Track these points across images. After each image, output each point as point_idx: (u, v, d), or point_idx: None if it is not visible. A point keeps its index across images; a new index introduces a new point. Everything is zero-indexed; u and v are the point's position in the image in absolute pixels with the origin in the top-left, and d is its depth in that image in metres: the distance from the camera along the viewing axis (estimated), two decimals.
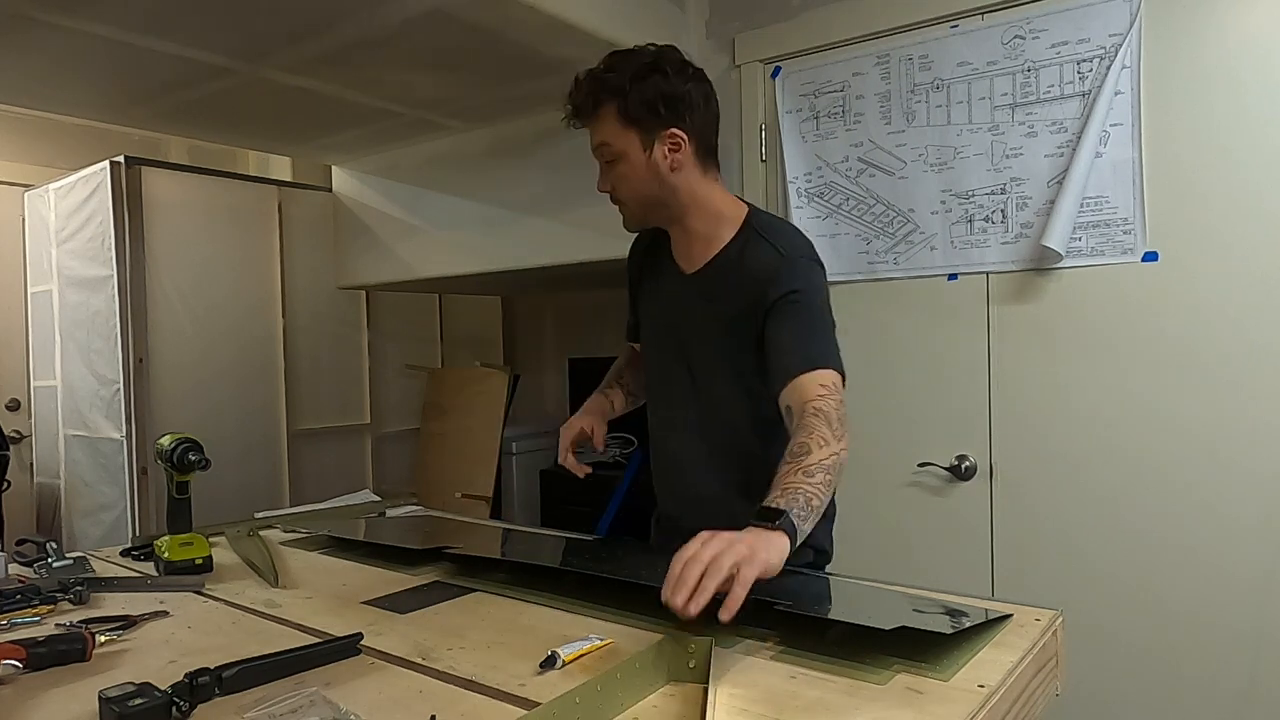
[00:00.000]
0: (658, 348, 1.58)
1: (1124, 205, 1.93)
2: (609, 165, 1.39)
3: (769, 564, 1.03)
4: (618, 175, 1.39)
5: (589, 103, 1.36)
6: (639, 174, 1.37)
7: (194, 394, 3.20)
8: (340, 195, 3.68)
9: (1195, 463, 1.88)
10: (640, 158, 1.36)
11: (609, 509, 3.70)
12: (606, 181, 1.41)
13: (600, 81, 1.35)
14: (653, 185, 1.38)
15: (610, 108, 1.34)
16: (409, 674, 1.03)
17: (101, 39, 2.16)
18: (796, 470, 1.15)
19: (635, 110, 1.34)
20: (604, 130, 1.36)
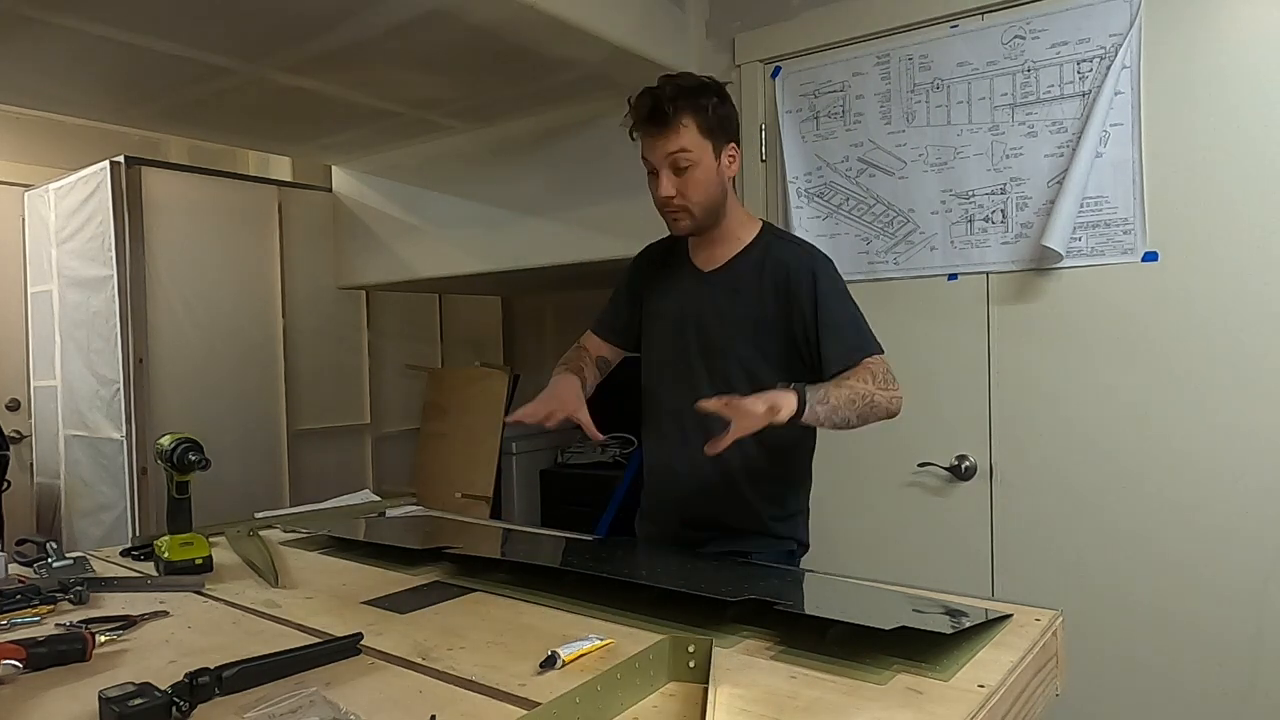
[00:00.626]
0: (669, 340, 1.69)
1: (1124, 205, 1.93)
2: (682, 171, 1.53)
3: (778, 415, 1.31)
4: (691, 180, 1.54)
5: (673, 113, 1.51)
6: (710, 178, 1.55)
7: (194, 394, 3.20)
8: (340, 195, 3.68)
9: (1195, 462, 1.87)
10: (712, 165, 1.55)
11: (609, 509, 3.70)
12: (673, 186, 1.55)
13: (684, 96, 1.52)
14: (717, 190, 1.57)
15: (692, 119, 1.51)
16: (409, 674, 1.03)
17: (101, 39, 2.16)
18: (833, 382, 1.44)
19: (713, 124, 1.53)
20: (685, 139, 1.52)
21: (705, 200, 1.56)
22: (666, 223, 1.63)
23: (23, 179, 3.71)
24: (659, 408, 1.73)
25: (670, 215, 1.59)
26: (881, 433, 2.25)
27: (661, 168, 1.54)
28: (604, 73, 2.52)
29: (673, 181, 1.54)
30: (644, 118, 1.54)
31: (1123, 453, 1.96)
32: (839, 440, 2.29)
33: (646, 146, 1.56)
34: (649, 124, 1.53)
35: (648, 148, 1.56)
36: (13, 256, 3.67)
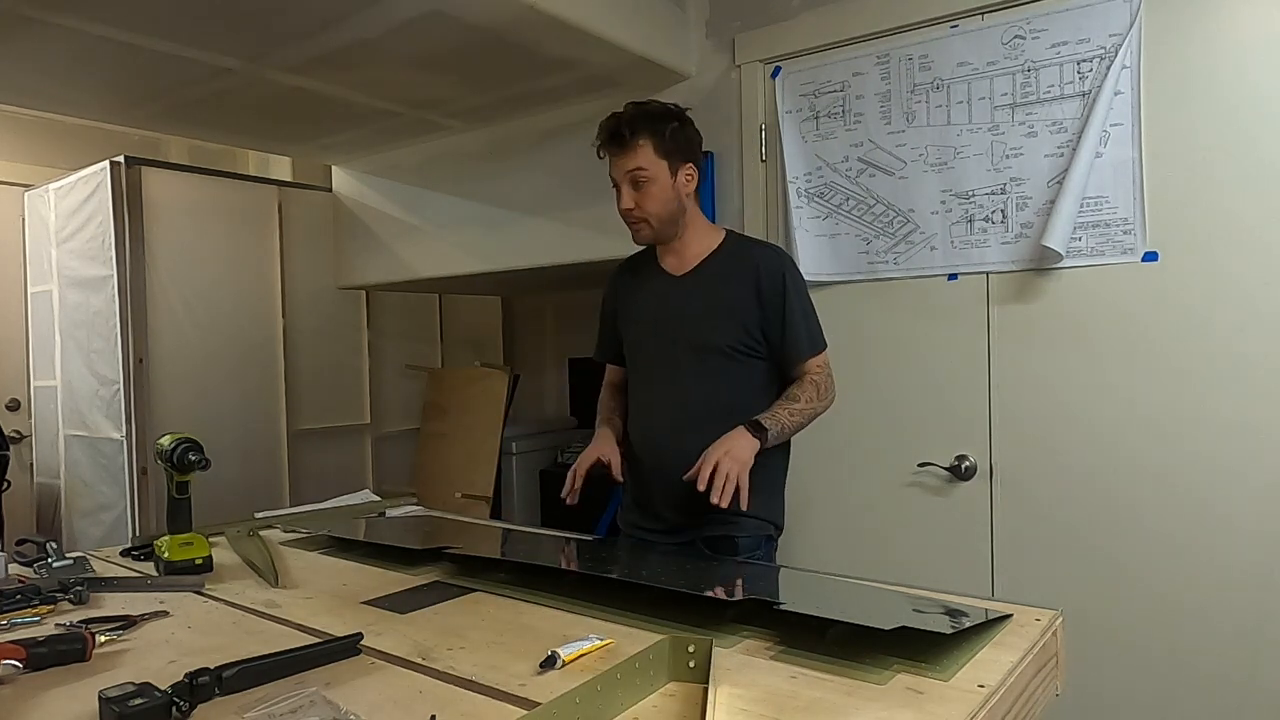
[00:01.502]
0: (645, 339, 1.86)
1: (1124, 205, 1.93)
2: (640, 186, 1.72)
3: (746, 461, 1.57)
4: (646, 195, 1.73)
5: (630, 135, 1.70)
6: (666, 194, 1.74)
7: (194, 394, 3.20)
8: (340, 195, 3.68)
9: (1195, 461, 1.88)
10: (668, 182, 1.74)
11: (609, 509, 3.70)
12: (632, 200, 1.73)
13: (643, 120, 1.71)
14: (673, 205, 1.76)
15: (649, 141, 1.71)
16: (409, 674, 1.03)
17: (101, 39, 2.16)
18: (785, 406, 1.70)
19: (669, 146, 1.72)
20: (641, 158, 1.71)
21: (661, 212, 1.74)
22: (630, 230, 1.81)
23: (23, 179, 3.71)
24: (644, 403, 1.87)
25: (631, 224, 1.78)
26: (882, 433, 2.27)
27: (622, 183, 1.74)
28: (604, 73, 2.52)
29: (631, 195, 1.73)
30: (605, 138, 1.74)
31: (1123, 453, 1.96)
32: (839, 440, 2.30)
33: (610, 164, 1.76)
34: (609, 143, 1.73)
35: (611, 165, 1.76)
36: (13, 256, 3.67)
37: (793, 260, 1.83)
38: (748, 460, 1.57)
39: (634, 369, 1.91)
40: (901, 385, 2.24)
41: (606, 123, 1.74)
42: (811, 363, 1.74)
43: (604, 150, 1.75)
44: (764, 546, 1.77)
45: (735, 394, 1.75)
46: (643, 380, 1.88)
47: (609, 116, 1.75)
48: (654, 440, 1.82)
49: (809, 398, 1.71)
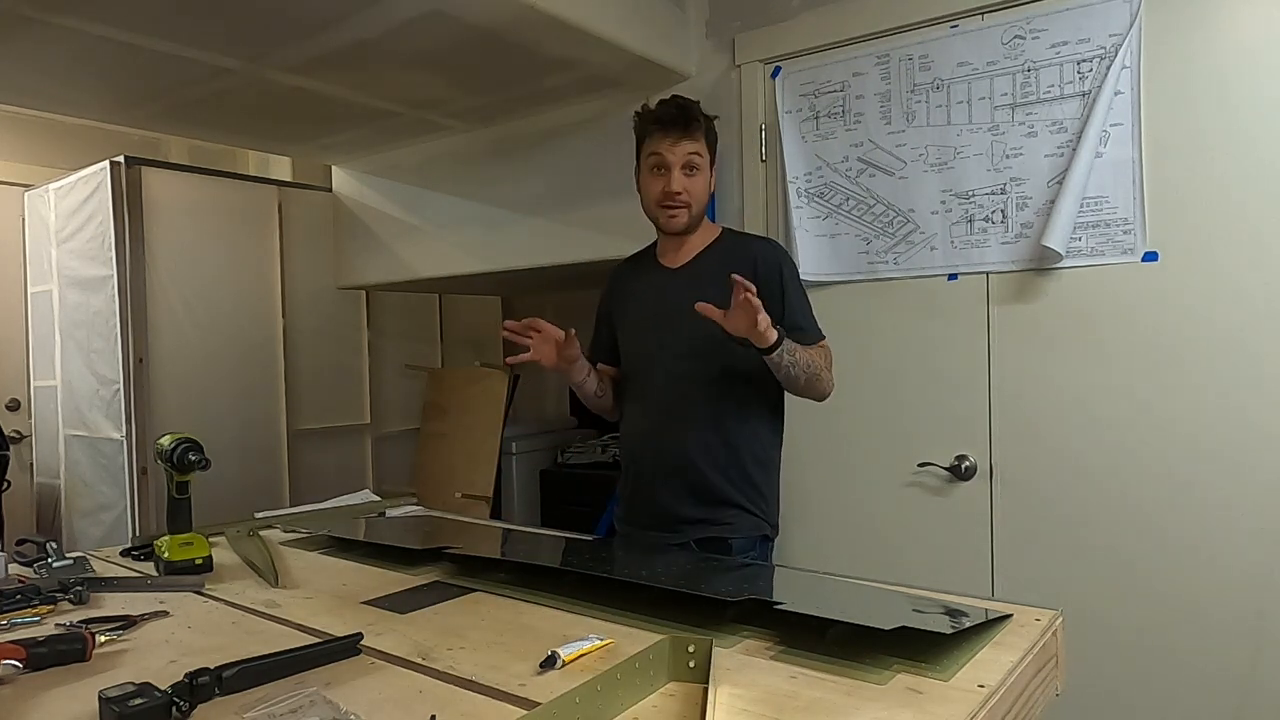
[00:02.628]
0: (643, 333, 1.87)
1: (1124, 205, 1.93)
2: (692, 172, 1.75)
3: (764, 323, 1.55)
4: (695, 182, 1.76)
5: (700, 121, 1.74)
6: (706, 185, 1.79)
7: (194, 394, 3.20)
8: (340, 195, 3.68)
9: (1195, 461, 1.88)
10: (709, 174, 1.80)
11: (609, 509, 3.70)
12: (682, 184, 1.74)
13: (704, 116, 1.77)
14: (706, 198, 1.80)
15: (702, 133, 1.76)
16: (409, 674, 1.03)
17: (101, 39, 2.16)
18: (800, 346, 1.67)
19: (713, 142, 1.79)
20: (700, 145, 1.75)
21: (701, 201, 1.78)
22: (660, 220, 1.79)
23: (23, 179, 3.71)
24: (640, 399, 1.86)
25: (670, 211, 1.76)
26: (882, 433, 2.27)
27: (676, 166, 1.73)
28: (604, 73, 2.52)
29: (683, 179, 1.74)
30: (671, 118, 1.72)
31: (1123, 452, 1.95)
32: (840, 440, 2.30)
33: (663, 145, 1.73)
34: (676, 124, 1.72)
35: (665, 146, 1.73)
36: (13, 256, 3.67)
37: (788, 252, 1.86)
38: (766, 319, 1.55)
39: (630, 365, 1.90)
40: (901, 385, 2.24)
41: (668, 104, 1.75)
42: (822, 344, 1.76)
43: (662, 129, 1.73)
44: (759, 547, 1.76)
45: (733, 387, 1.74)
46: (639, 376, 1.87)
47: (668, 102, 1.75)
48: (651, 436, 1.82)
49: (815, 354, 1.70)
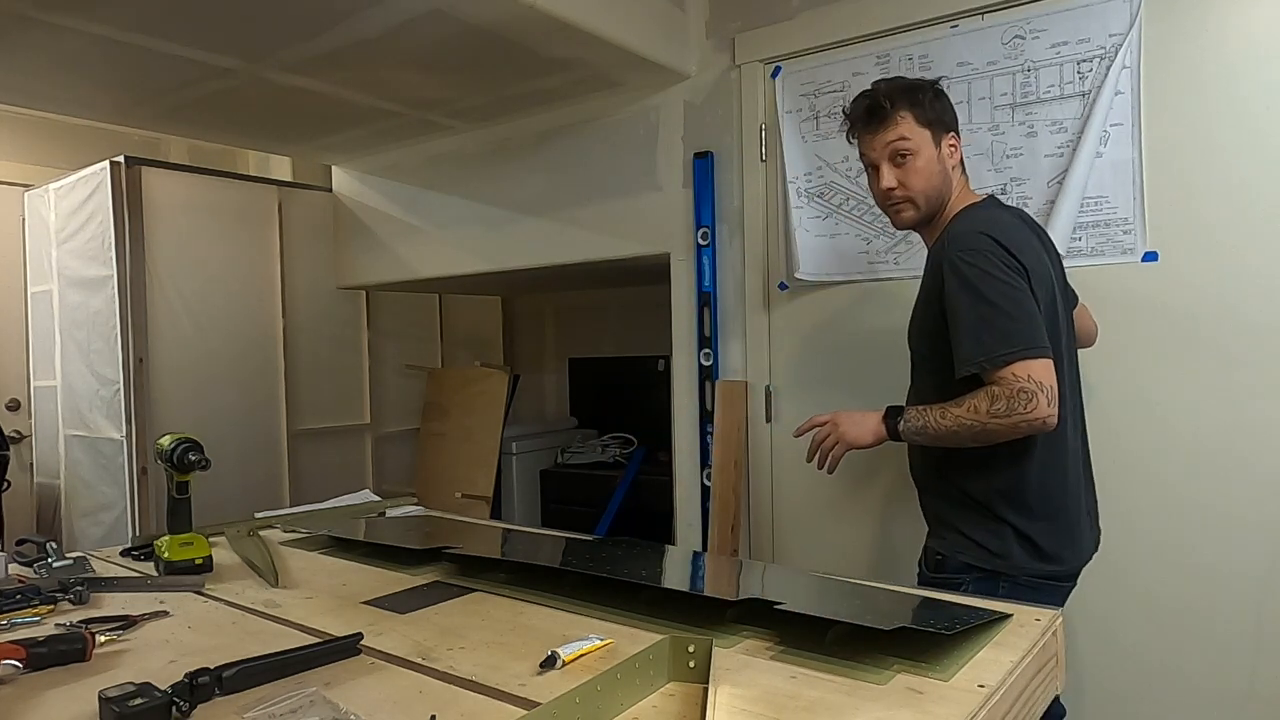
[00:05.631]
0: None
1: (1124, 205, 1.93)
2: (903, 160, 1.57)
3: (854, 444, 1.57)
4: (911, 170, 1.58)
5: (890, 107, 1.57)
6: (932, 167, 1.58)
7: (194, 394, 3.20)
8: (340, 195, 3.68)
9: (1195, 461, 1.87)
10: (933, 154, 1.58)
11: (609, 509, 3.70)
12: (894, 178, 1.59)
13: (898, 92, 1.59)
14: (939, 179, 1.59)
15: (909, 112, 1.57)
16: (409, 674, 1.03)
17: (101, 39, 2.16)
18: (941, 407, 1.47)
19: (930, 115, 1.58)
20: (903, 128, 1.57)
21: (927, 189, 1.59)
22: (889, 218, 1.66)
23: (23, 179, 3.71)
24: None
25: (893, 209, 1.62)
26: None
27: (881, 161, 1.59)
28: (604, 73, 2.52)
29: (893, 173, 1.58)
30: (861, 115, 1.61)
31: (1123, 452, 1.95)
32: None
33: (865, 144, 1.62)
34: (868, 120, 1.60)
35: (866, 144, 1.62)
36: (13, 256, 3.67)
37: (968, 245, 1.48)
38: (854, 439, 1.54)
39: None
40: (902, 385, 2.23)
41: (858, 101, 1.62)
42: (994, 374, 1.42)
43: (860, 130, 1.62)
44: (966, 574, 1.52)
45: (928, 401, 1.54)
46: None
47: (858, 98, 1.63)
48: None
49: (973, 406, 1.42)
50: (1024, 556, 1.50)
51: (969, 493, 1.55)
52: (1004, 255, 1.45)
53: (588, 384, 4.42)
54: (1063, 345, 1.54)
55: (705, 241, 2.55)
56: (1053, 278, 1.57)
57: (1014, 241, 1.48)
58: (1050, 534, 1.51)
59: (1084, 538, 1.59)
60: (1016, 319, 1.42)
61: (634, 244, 2.75)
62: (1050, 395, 1.39)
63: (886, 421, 1.54)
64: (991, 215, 1.57)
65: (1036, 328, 1.43)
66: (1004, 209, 1.64)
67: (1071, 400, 1.56)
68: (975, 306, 1.44)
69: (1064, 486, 1.54)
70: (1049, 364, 1.41)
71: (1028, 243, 1.53)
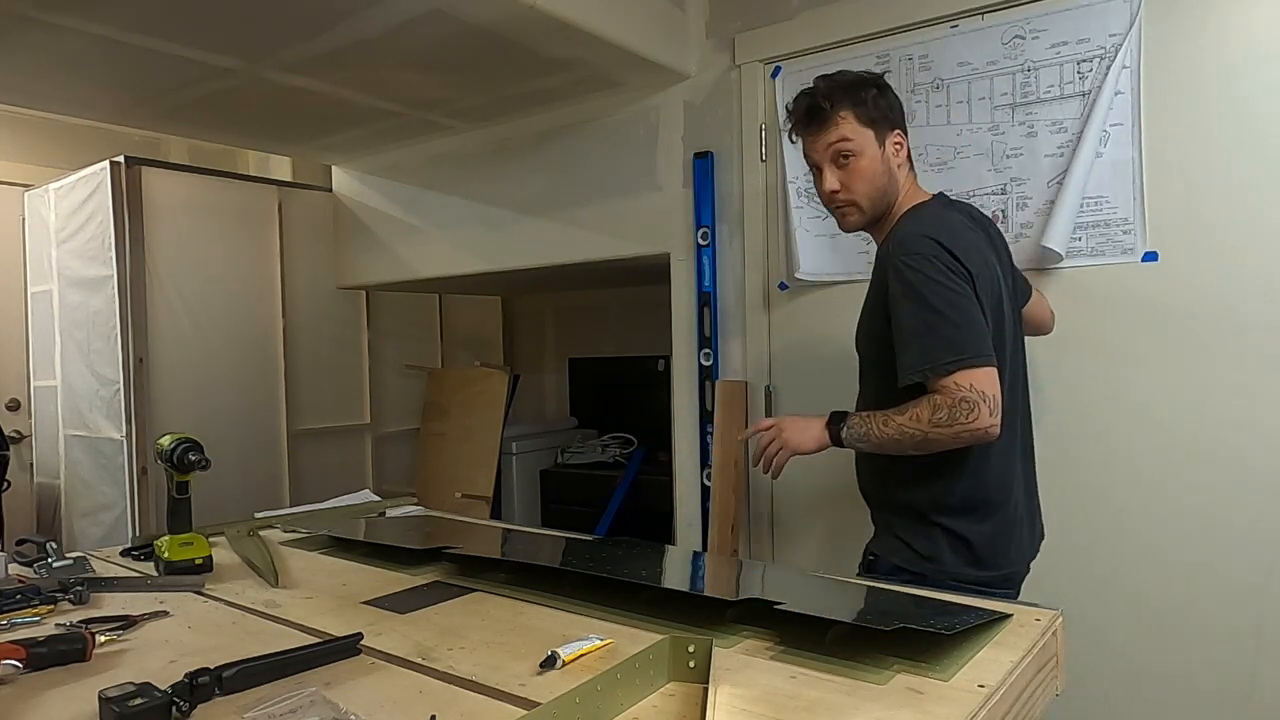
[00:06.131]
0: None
1: (1124, 205, 1.93)
2: (845, 161, 1.54)
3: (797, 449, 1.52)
4: (854, 172, 1.54)
5: (830, 108, 1.53)
6: (875, 168, 1.54)
7: (194, 394, 3.20)
8: (340, 195, 3.68)
9: (1194, 462, 1.87)
10: (877, 153, 1.54)
11: (609, 509, 3.70)
12: (836, 180, 1.55)
13: (840, 90, 1.54)
14: (883, 179, 1.55)
15: (850, 111, 1.53)
16: (409, 674, 1.03)
17: (101, 39, 2.16)
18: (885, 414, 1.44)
19: (874, 114, 1.54)
20: (844, 129, 1.53)
21: (871, 190, 1.55)
22: (837, 220, 1.62)
23: (23, 179, 3.71)
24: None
25: (838, 211, 1.59)
26: None
27: (824, 163, 1.55)
28: (604, 73, 2.52)
29: (836, 175, 1.55)
30: (801, 116, 1.57)
31: (1123, 452, 1.95)
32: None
33: (807, 145, 1.58)
34: (807, 121, 1.56)
35: (808, 145, 1.58)
36: (13, 256, 3.67)
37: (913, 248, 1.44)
38: (798, 445, 1.50)
39: None
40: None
41: (798, 101, 1.57)
42: (937, 383, 1.38)
43: (800, 130, 1.58)
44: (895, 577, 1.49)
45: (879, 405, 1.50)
46: None
47: (799, 95, 1.58)
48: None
49: (915, 415, 1.39)
50: (955, 561, 1.48)
51: (905, 497, 1.54)
52: (949, 259, 1.41)
53: (588, 384, 4.42)
54: (1007, 351, 1.50)
55: (705, 241, 2.55)
56: (1000, 279, 1.53)
57: (959, 244, 1.44)
58: (985, 537, 1.49)
59: (1023, 541, 1.57)
60: (960, 326, 1.38)
61: (634, 244, 2.75)
62: (993, 405, 1.36)
63: (830, 427, 1.50)
64: (937, 216, 1.53)
65: (981, 335, 1.39)
66: (951, 208, 1.61)
67: (1016, 402, 1.54)
68: (918, 313, 1.41)
69: (1002, 490, 1.52)
70: (993, 372, 1.38)
71: (974, 245, 1.49)
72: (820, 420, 1.52)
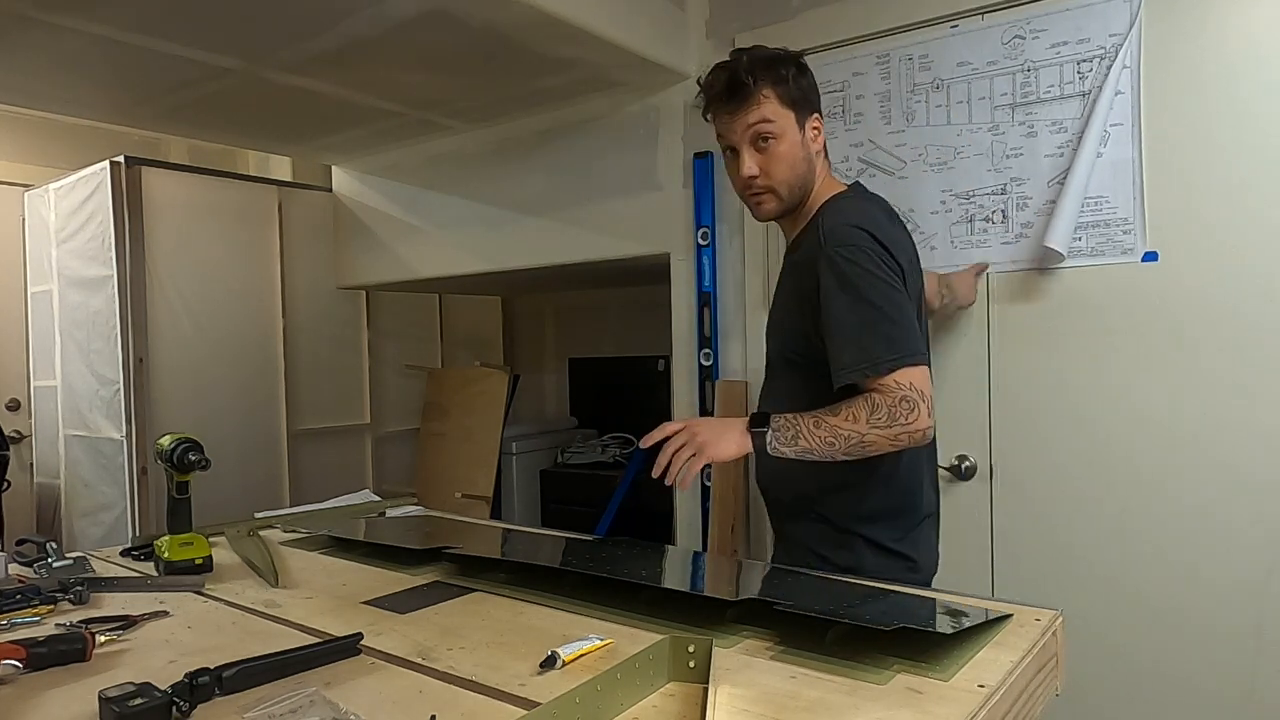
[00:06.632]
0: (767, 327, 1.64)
1: (1124, 205, 1.93)
2: (765, 144, 1.44)
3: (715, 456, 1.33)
4: (774, 157, 1.44)
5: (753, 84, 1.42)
6: (796, 152, 1.45)
7: (194, 394, 3.20)
8: (340, 195, 3.68)
9: (1195, 462, 1.87)
10: (797, 138, 1.45)
11: (609, 509, 3.70)
12: (755, 164, 1.44)
13: (762, 66, 1.43)
14: (803, 165, 1.46)
15: (772, 90, 1.42)
16: (409, 674, 1.03)
17: (101, 39, 2.16)
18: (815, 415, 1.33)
19: (795, 94, 1.44)
20: (767, 109, 1.42)
21: (791, 177, 1.46)
22: (751, 210, 1.52)
23: (23, 179, 3.71)
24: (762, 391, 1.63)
25: (753, 199, 1.48)
26: None
27: (742, 145, 1.44)
28: (604, 73, 2.52)
29: (754, 159, 1.44)
30: (721, 92, 1.44)
31: (1123, 453, 1.95)
32: None
33: (724, 124, 1.46)
34: (728, 98, 1.43)
35: (725, 125, 1.46)
36: (13, 256, 3.67)
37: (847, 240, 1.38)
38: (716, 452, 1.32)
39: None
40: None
41: (716, 75, 1.44)
42: (874, 382, 1.33)
43: (718, 108, 1.45)
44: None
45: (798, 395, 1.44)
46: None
47: (715, 69, 1.46)
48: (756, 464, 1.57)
49: (851, 415, 1.31)
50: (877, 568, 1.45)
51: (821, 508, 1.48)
52: (882, 253, 1.36)
53: (588, 384, 4.42)
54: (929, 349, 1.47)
55: (705, 241, 2.55)
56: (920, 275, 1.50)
57: (890, 238, 1.40)
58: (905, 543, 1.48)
59: (934, 541, 1.56)
60: (897, 323, 1.33)
61: (634, 244, 2.75)
62: (930, 405, 1.31)
63: (752, 430, 1.35)
64: (864, 208, 1.47)
65: (916, 332, 1.35)
66: (872, 200, 1.54)
67: None
68: (855, 307, 1.34)
69: (917, 491, 1.50)
70: (927, 371, 1.34)
71: (900, 239, 1.45)
72: (739, 422, 1.37)
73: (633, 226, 2.74)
